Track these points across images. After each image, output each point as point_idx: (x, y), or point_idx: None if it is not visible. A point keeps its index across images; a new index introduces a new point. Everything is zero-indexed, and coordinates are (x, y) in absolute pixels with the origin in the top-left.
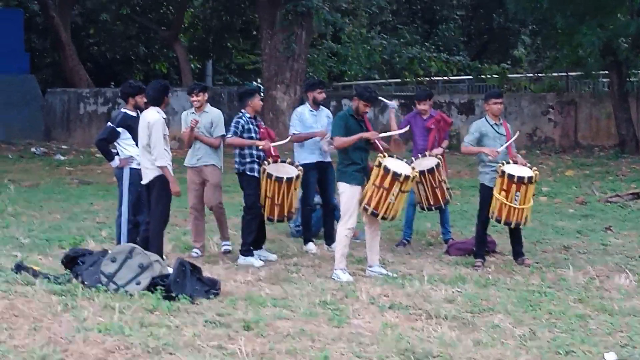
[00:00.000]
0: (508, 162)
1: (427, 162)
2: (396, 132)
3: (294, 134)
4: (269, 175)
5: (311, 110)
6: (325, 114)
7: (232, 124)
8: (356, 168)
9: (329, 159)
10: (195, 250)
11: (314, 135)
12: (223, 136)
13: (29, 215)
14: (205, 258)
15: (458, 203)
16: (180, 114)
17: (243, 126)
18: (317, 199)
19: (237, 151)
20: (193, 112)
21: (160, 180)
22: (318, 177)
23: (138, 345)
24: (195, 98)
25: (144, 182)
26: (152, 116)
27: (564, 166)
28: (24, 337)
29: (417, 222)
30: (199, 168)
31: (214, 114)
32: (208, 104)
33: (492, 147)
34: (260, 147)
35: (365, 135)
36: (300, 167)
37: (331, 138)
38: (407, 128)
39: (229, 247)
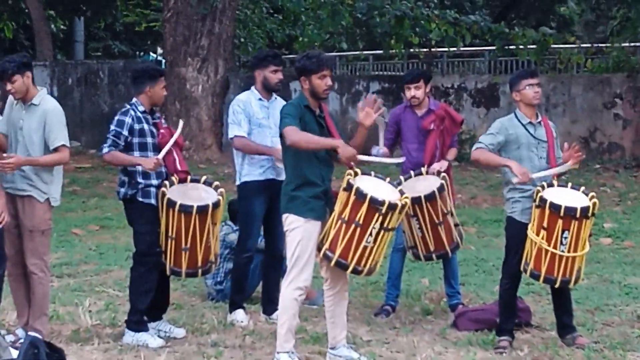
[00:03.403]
0: (550, 183)
1: (423, 184)
2: (388, 160)
3: (236, 136)
4: (171, 203)
5: (260, 99)
6: (280, 106)
7: (112, 130)
8: (314, 192)
9: (283, 177)
10: (16, 331)
11: (269, 153)
12: (64, 147)
13: None
14: (71, 334)
15: (472, 247)
16: None
17: (131, 128)
18: (260, 242)
19: (121, 167)
20: (17, 103)
21: None
22: (266, 206)
23: None
24: (10, 85)
25: None
26: None
27: (639, 190)
28: None
29: (408, 278)
30: (11, 197)
31: (46, 109)
32: (42, 91)
33: (525, 160)
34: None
35: (340, 147)
36: (222, 190)
37: (280, 136)
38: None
39: (28, 337)
